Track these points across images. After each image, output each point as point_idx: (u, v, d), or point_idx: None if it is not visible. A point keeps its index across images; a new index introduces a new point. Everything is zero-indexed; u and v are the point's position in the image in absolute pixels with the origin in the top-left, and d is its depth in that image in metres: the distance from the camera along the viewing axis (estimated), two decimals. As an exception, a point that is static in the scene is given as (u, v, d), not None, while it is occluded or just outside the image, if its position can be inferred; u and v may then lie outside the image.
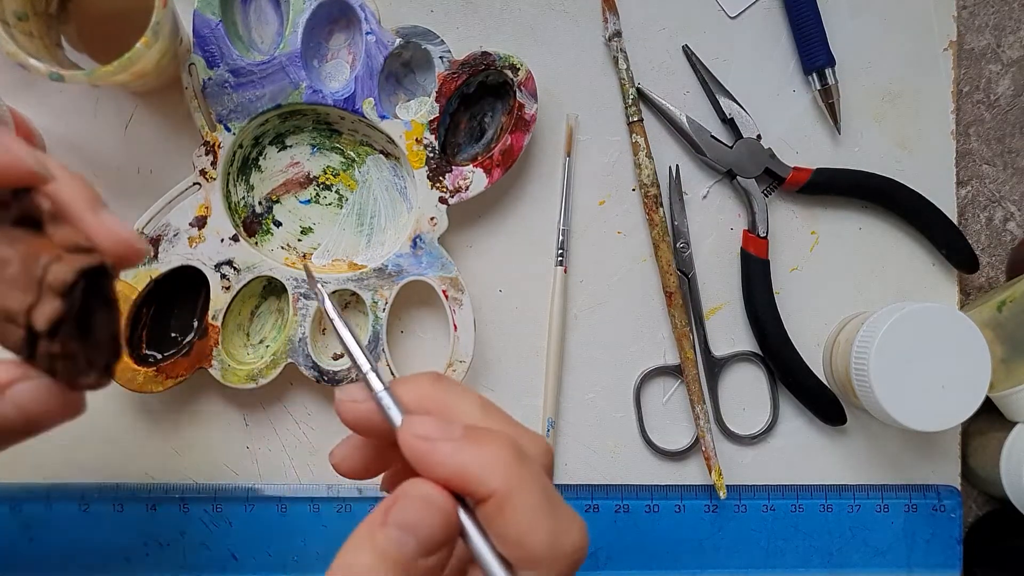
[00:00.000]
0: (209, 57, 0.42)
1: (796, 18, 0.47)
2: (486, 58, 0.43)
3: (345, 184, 0.45)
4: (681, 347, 0.46)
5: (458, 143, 0.45)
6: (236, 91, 0.42)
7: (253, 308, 0.45)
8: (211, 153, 0.43)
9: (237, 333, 0.45)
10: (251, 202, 0.45)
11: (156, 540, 0.45)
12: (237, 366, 0.43)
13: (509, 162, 0.44)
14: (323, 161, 0.45)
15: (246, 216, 0.45)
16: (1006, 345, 0.45)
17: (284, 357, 0.43)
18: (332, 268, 0.45)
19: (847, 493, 0.47)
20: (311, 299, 0.43)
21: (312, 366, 0.43)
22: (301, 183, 0.45)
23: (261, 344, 0.45)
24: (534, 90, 0.44)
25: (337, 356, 0.45)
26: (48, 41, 0.40)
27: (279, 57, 0.42)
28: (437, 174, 0.44)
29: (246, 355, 0.44)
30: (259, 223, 0.45)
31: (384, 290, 0.44)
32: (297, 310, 0.43)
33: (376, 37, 0.43)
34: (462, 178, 0.44)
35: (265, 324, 0.45)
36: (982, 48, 0.49)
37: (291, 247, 0.45)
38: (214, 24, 0.42)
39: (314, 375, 0.43)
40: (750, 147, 0.46)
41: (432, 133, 0.44)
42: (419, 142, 0.44)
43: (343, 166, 0.45)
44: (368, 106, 0.43)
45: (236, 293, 0.43)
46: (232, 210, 0.44)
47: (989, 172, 0.49)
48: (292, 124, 0.45)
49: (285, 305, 0.44)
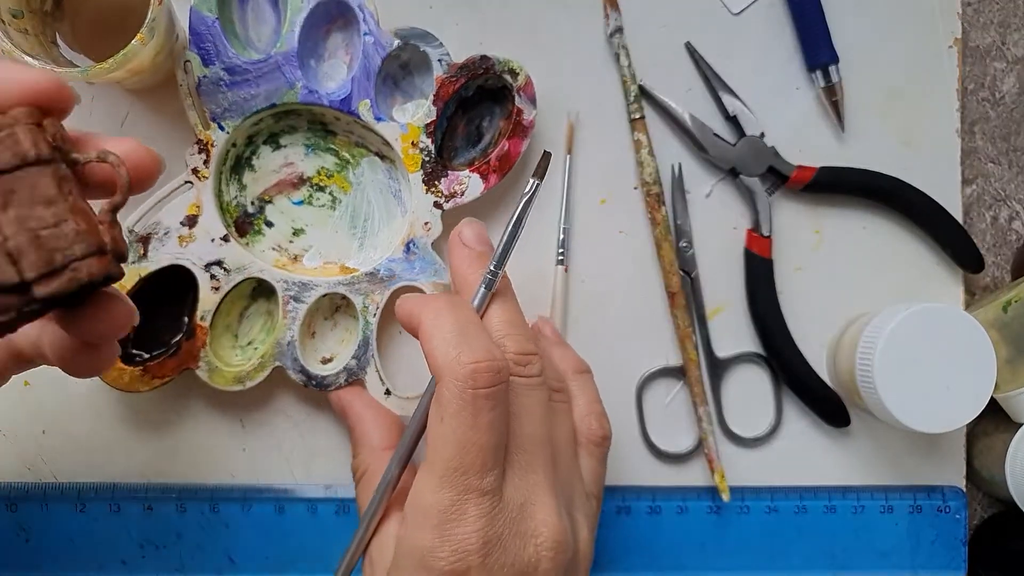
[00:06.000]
0: (204, 55, 0.41)
1: (799, 15, 0.46)
2: (485, 62, 0.43)
3: (339, 186, 0.45)
4: (684, 348, 0.46)
5: (455, 147, 0.45)
6: (231, 89, 0.42)
7: (242, 309, 0.45)
8: (204, 151, 0.42)
9: (225, 334, 0.44)
10: (243, 202, 0.44)
11: (152, 541, 0.45)
12: (224, 368, 0.43)
13: (506, 168, 0.44)
14: (317, 162, 0.45)
15: (238, 216, 0.44)
16: (1011, 346, 0.44)
17: (272, 360, 0.43)
18: (323, 271, 0.44)
19: (851, 494, 0.47)
20: (301, 302, 0.43)
21: (300, 370, 0.43)
22: (294, 184, 0.45)
23: (249, 346, 0.44)
24: (533, 96, 0.43)
25: (326, 360, 0.45)
26: (43, 38, 0.40)
27: (275, 56, 0.42)
28: (432, 178, 0.43)
29: (234, 357, 0.44)
30: (251, 223, 0.45)
31: (376, 295, 0.43)
32: (286, 313, 0.43)
33: (374, 38, 0.42)
34: (458, 183, 0.43)
35: (254, 326, 0.45)
36: (987, 45, 0.49)
37: (282, 248, 0.45)
38: (210, 22, 0.41)
39: (302, 379, 0.43)
40: (753, 145, 0.46)
41: (428, 137, 0.43)
42: (415, 145, 0.43)
43: (337, 167, 0.45)
44: (364, 108, 0.43)
45: (225, 294, 0.43)
46: (224, 210, 0.44)
47: (994, 171, 0.49)
48: (287, 124, 0.44)
49: (274, 307, 0.44)
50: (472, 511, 0.31)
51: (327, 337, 0.45)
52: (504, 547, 0.31)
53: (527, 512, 0.32)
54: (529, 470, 0.33)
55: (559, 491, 0.33)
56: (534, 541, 0.32)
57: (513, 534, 0.31)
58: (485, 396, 0.31)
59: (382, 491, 0.36)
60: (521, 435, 0.33)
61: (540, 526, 0.32)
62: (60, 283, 0.25)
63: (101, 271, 0.26)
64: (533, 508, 0.32)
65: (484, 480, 0.31)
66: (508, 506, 0.31)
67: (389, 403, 0.43)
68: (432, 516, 0.31)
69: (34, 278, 0.25)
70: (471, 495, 0.31)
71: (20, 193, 0.25)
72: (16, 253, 0.25)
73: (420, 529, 0.31)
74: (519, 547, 0.31)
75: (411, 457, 0.36)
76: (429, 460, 0.32)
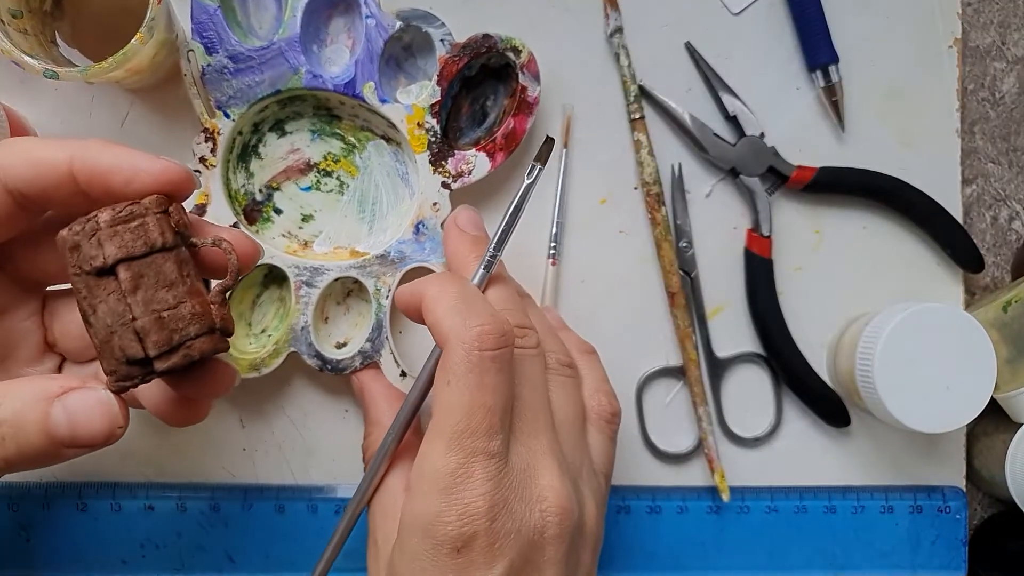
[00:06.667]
0: (208, 43, 0.42)
1: (799, 15, 0.46)
2: (488, 40, 0.43)
3: (346, 170, 0.45)
4: (684, 348, 0.46)
5: (460, 127, 0.45)
6: (235, 77, 0.42)
7: (254, 297, 0.45)
8: (210, 140, 0.42)
9: (239, 322, 0.44)
10: (251, 190, 0.45)
11: (153, 541, 0.45)
12: (239, 355, 0.43)
13: (512, 146, 0.44)
14: (323, 147, 0.45)
15: (246, 204, 0.44)
16: (1011, 346, 0.44)
17: (286, 346, 0.43)
18: (334, 255, 0.44)
19: (851, 494, 0.47)
20: (313, 287, 0.43)
21: (315, 355, 0.43)
22: (301, 170, 0.45)
23: (263, 333, 0.45)
24: (537, 72, 0.43)
25: (340, 344, 0.45)
26: (43, 38, 0.40)
27: (278, 42, 0.42)
28: (439, 159, 0.43)
29: (248, 344, 0.44)
30: (259, 211, 0.45)
31: (387, 277, 0.43)
32: (299, 298, 0.43)
33: (376, 20, 0.42)
34: (464, 162, 0.43)
35: (267, 313, 0.45)
36: (987, 45, 0.49)
37: (292, 235, 0.45)
38: (212, 10, 0.41)
39: (317, 364, 0.43)
40: (753, 145, 0.46)
41: (434, 117, 0.43)
42: (420, 126, 0.43)
43: (344, 152, 0.45)
44: (368, 90, 0.43)
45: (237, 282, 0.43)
46: (232, 198, 0.44)
47: (994, 171, 0.49)
48: (291, 110, 0.44)
49: (287, 294, 0.44)
50: (478, 474, 0.31)
51: (340, 321, 0.45)
52: (510, 512, 0.31)
53: (531, 477, 0.32)
54: (532, 436, 0.33)
55: (563, 459, 0.34)
56: (539, 506, 0.32)
57: (518, 499, 0.31)
58: (492, 358, 0.31)
59: (386, 447, 0.37)
60: (523, 402, 0.33)
61: (545, 490, 0.32)
62: (176, 359, 0.29)
63: (211, 348, 0.30)
64: (537, 473, 0.32)
65: (491, 443, 0.31)
66: (513, 470, 0.32)
67: (404, 385, 0.43)
68: (439, 480, 0.31)
69: (156, 355, 0.29)
70: (478, 457, 0.31)
71: (147, 278, 0.29)
72: (143, 332, 0.29)
73: (426, 496, 0.31)
74: (524, 512, 0.31)
75: (413, 420, 0.37)
76: (435, 425, 0.32)
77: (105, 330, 0.29)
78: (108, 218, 0.29)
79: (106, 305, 0.29)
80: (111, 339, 0.29)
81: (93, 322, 0.29)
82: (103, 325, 0.29)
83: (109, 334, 0.29)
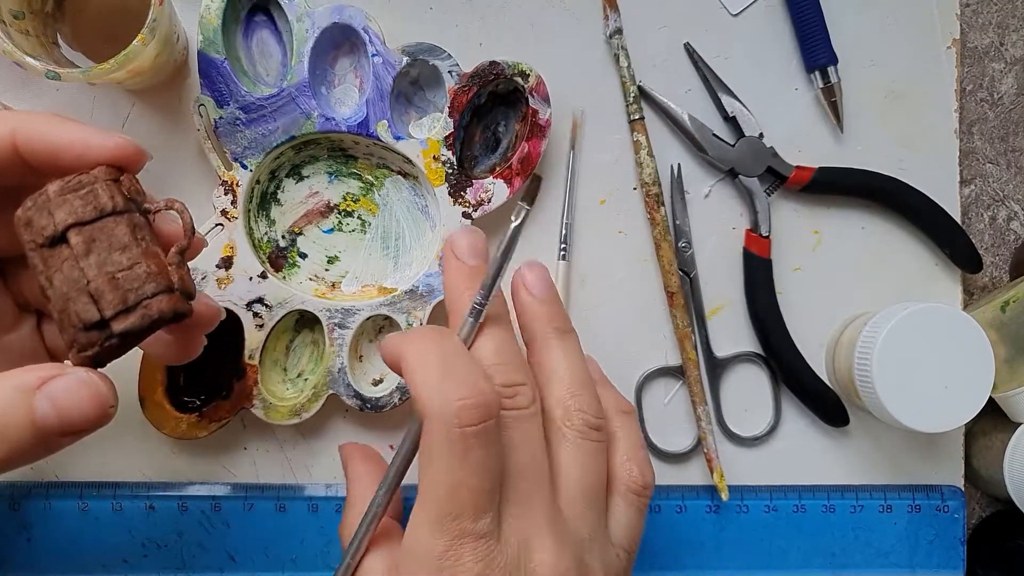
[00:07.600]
0: (218, 96, 0.41)
1: (798, 16, 0.46)
2: (495, 68, 0.43)
3: (366, 209, 0.45)
4: (683, 348, 0.46)
5: (474, 155, 0.45)
6: (248, 127, 0.42)
7: (288, 343, 0.45)
8: (230, 192, 0.42)
9: (274, 369, 0.44)
10: (274, 237, 0.45)
11: (154, 540, 0.45)
12: (278, 402, 0.43)
13: (528, 170, 0.44)
14: (342, 188, 0.45)
15: (271, 251, 0.44)
16: (1010, 345, 0.44)
17: (325, 389, 0.43)
18: (363, 294, 0.44)
19: (850, 494, 0.47)
20: (346, 328, 0.43)
21: (354, 395, 0.43)
22: (322, 212, 0.45)
23: (299, 378, 0.45)
24: (546, 95, 0.43)
25: (376, 382, 0.45)
26: (44, 39, 0.40)
27: (288, 88, 0.42)
28: (458, 190, 0.43)
29: (286, 390, 0.44)
30: (285, 257, 0.45)
31: (417, 311, 0.43)
32: (333, 341, 0.43)
33: (383, 58, 0.42)
34: (483, 191, 0.43)
35: (301, 357, 0.45)
36: (985, 46, 0.49)
37: (319, 278, 0.45)
38: (220, 63, 0.41)
39: (357, 404, 0.43)
40: (752, 146, 0.46)
41: (449, 149, 0.43)
42: (437, 159, 0.43)
43: (362, 191, 0.45)
44: (383, 129, 0.43)
45: (270, 330, 0.43)
46: (256, 247, 0.44)
47: (993, 171, 0.49)
48: (307, 154, 0.44)
49: (320, 336, 0.44)
50: (468, 556, 0.29)
51: (375, 358, 0.45)
52: None
53: (526, 551, 0.30)
54: (526, 507, 0.31)
55: (564, 531, 0.32)
56: None
57: None
58: (473, 435, 0.29)
59: (366, 524, 0.34)
60: (516, 470, 0.31)
61: (538, 567, 0.30)
62: (134, 319, 0.28)
63: (170, 308, 0.29)
64: (531, 547, 0.30)
65: (478, 523, 0.29)
66: (506, 547, 0.30)
67: None
68: (428, 563, 0.29)
69: (112, 315, 0.28)
70: (466, 539, 0.29)
71: (99, 241, 0.29)
72: (96, 294, 0.28)
73: None
74: None
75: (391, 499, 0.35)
76: (420, 504, 0.30)
77: (62, 299, 0.28)
78: (57, 188, 0.29)
79: (61, 274, 0.28)
80: (67, 307, 0.28)
81: (51, 295, 0.29)
82: (60, 295, 0.28)
83: (65, 302, 0.28)
